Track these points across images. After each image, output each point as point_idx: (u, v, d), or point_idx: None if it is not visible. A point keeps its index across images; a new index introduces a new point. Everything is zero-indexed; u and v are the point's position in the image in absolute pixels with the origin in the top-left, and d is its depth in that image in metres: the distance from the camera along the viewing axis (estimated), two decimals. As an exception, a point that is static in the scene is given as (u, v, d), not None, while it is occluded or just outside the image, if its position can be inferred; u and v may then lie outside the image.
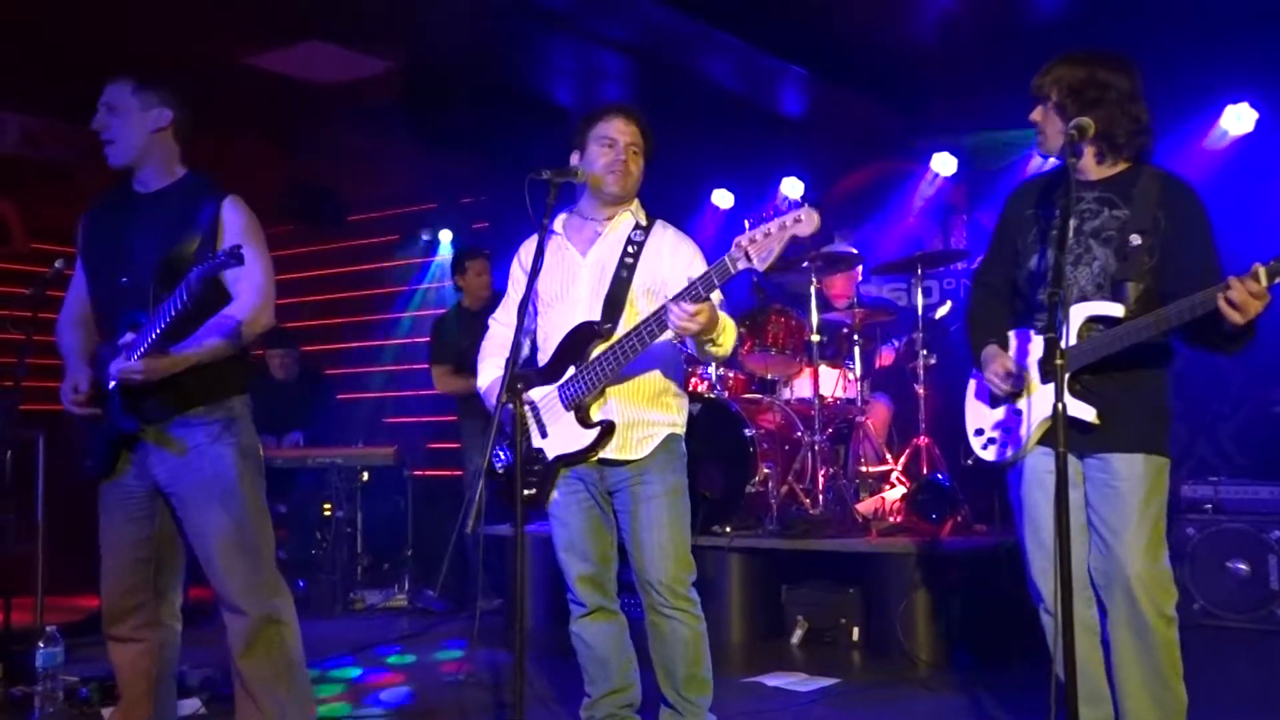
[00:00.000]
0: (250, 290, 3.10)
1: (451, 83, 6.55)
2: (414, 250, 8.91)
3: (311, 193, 8.12)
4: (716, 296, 3.13)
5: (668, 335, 3.17)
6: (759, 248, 2.90)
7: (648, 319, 3.12)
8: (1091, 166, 2.98)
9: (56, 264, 3.77)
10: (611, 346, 3.19)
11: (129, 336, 3.00)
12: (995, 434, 3.10)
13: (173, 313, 2.91)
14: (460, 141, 7.36)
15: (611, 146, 3.31)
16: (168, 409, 3.08)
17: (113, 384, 3.03)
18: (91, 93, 3.17)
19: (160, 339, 2.95)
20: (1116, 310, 2.86)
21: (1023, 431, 3.01)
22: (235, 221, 3.12)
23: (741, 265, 2.93)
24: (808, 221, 2.85)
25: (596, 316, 3.30)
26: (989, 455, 3.13)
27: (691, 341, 3.21)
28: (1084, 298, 2.92)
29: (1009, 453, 3.07)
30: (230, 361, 3.14)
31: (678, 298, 3.00)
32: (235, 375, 3.21)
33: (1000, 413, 3.10)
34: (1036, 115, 2.98)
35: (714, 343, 3.16)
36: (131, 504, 3.18)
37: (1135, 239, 2.88)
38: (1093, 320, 2.89)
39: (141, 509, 3.18)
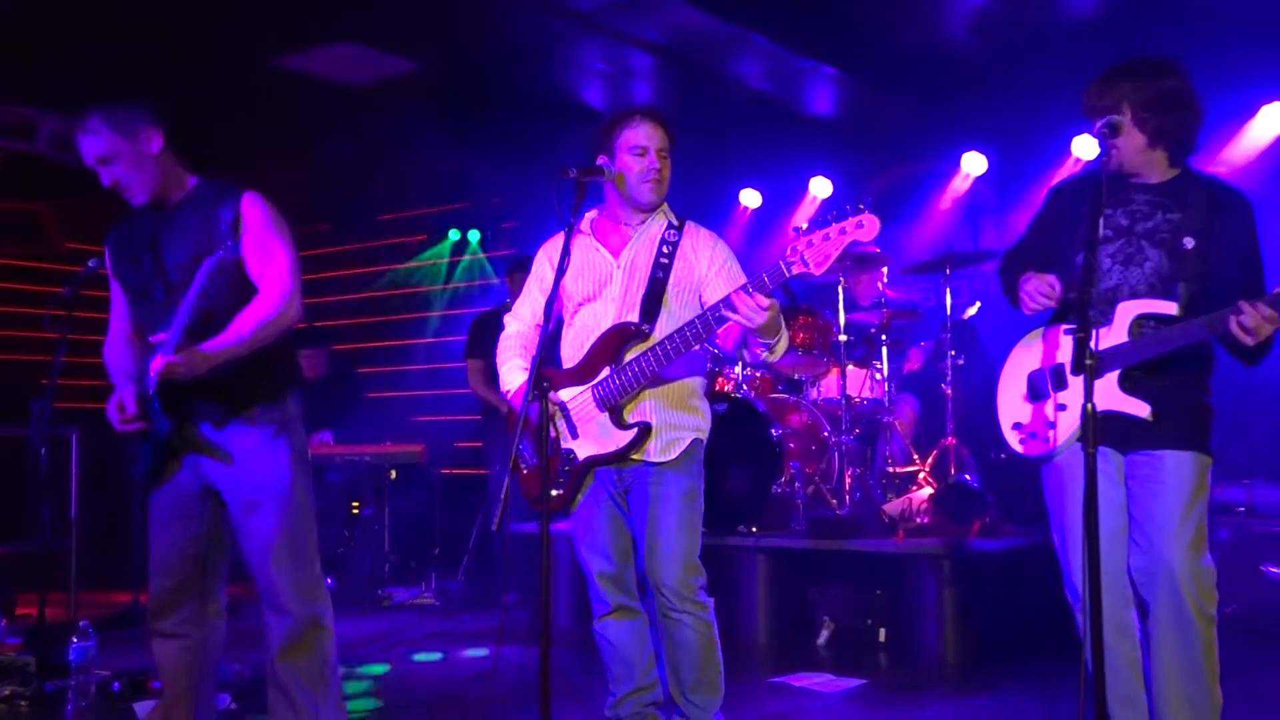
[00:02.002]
0: (276, 282, 3.10)
1: (481, 82, 6.57)
2: (442, 249, 8.97)
3: (340, 193, 8.17)
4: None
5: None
6: (816, 252, 2.90)
7: (693, 321, 3.09)
8: (1161, 169, 2.96)
9: (90, 263, 3.81)
10: (653, 348, 3.16)
11: (161, 335, 3.03)
12: (1034, 429, 3.07)
13: (198, 302, 2.94)
14: (489, 141, 7.38)
15: (643, 155, 3.28)
16: (221, 411, 3.11)
17: (152, 385, 3.03)
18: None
19: (188, 330, 2.96)
20: (1170, 309, 2.85)
21: (1061, 427, 2.99)
22: (255, 216, 3.13)
23: (797, 270, 2.93)
24: (869, 227, 2.86)
25: (632, 318, 3.28)
26: (1027, 450, 3.10)
27: (737, 342, 3.19)
28: (1135, 296, 2.90)
29: (1047, 448, 3.03)
30: (278, 361, 3.16)
31: (747, 288, 2.97)
32: (285, 375, 3.23)
33: (1040, 408, 3.07)
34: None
35: (770, 349, 3.15)
36: (184, 501, 3.19)
37: (1188, 241, 2.88)
38: (1144, 318, 2.88)
39: (193, 507, 3.20)
